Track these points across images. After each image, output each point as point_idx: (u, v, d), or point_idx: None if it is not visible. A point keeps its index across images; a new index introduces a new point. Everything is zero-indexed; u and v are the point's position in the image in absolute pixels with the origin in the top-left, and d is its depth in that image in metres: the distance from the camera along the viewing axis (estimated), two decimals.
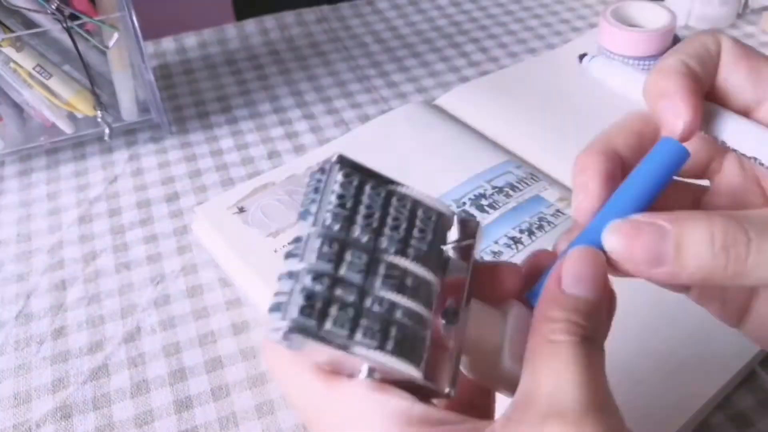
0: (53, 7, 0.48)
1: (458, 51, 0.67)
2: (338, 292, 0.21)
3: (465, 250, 0.24)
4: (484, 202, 0.46)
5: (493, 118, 0.55)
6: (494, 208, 0.45)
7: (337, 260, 0.21)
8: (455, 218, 0.24)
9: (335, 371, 0.22)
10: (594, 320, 0.22)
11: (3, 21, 0.49)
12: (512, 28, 0.69)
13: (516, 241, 0.43)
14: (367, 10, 0.74)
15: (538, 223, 0.44)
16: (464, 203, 0.46)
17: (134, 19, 0.50)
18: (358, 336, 0.21)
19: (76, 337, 0.42)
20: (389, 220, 0.23)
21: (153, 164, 0.55)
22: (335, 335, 0.21)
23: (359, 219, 0.22)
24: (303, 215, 0.22)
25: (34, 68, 0.51)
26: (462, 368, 0.24)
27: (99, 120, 0.54)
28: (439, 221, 0.23)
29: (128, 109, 0.56)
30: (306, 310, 0.21)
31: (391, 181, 0.24)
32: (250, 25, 0.72)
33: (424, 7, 0.74)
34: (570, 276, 0.23)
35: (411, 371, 0.21)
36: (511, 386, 0.23)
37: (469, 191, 0.47)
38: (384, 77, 0.63)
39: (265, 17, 0.73)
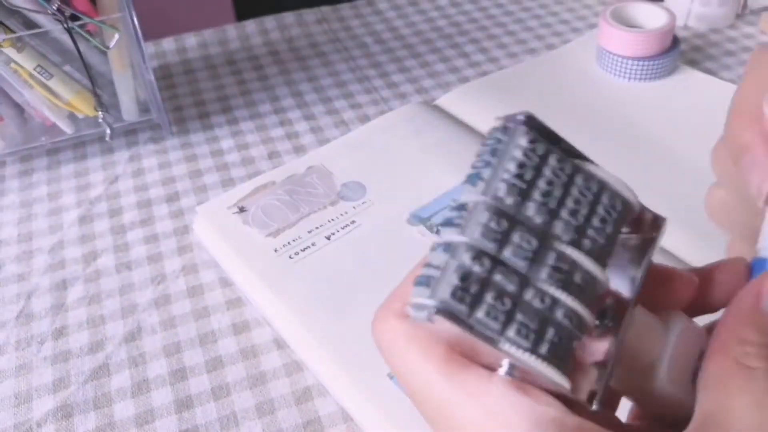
0: (54, 7, 0.48)
1: (458, 51, 0.67)
2: (497, 277, 0.18)
3: (642, 244, 0.21)
4: None
5: (494, 118, 0.55)
6: None
7: (503, 240, 0.18)
8: (643, 210, 0.21)
9: (465, 353, 0.20)
10: None
11: (4, 21, 0.49)
12: (512, 29, 0.69)
13: None
14: (367, 11, 0.74)
15: None
16: None
17: (135, 19, 0.51)
18: (511, 332, 0.18)
19: (76, 337, 0.42)
20: (569, 202, 0.19)
21: (153, 164, 0.55)
22: (485, 327, 0.18)
23: (536, 195, 0.19)
24: (472, 179, 0.19)
25: (34, 68, 0.51)
26: None
27: (100, 120, 0.54)
28: (624, 211, 0.20)
29: (129, 110, 0.56)
30: (458, 292, 0.18)
31: (578, 155, 0.20)
32: (251, 25, 0.72)
33: (424, 8, 0.74)
34: None
35: (560, 381, 0.18)
36: (658, 406, 0.21)
37: None
38: (384, 78, 0.64)
39: (266, 18, 0.73)
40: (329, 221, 0.46)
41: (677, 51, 0.58)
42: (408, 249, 0.43)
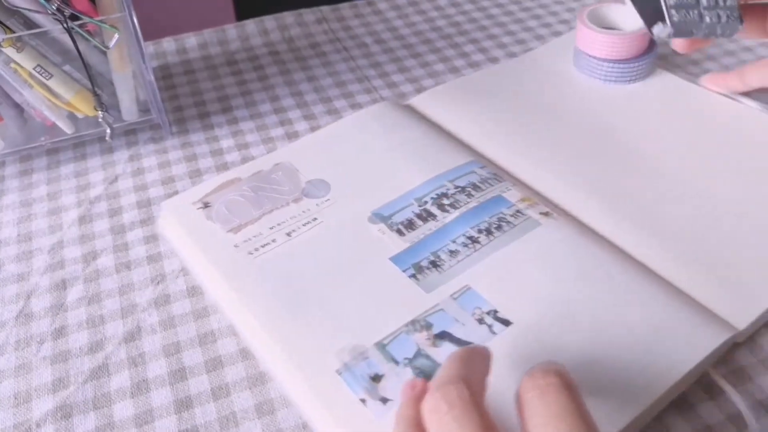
0: (54, 7, 0.48)
1: (458, 51, 0.67)
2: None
3: None
4: (445, 201, 0.46)
5: (464, 118, 0.55)
6: (455, 208, 0.45)
7: None
8: None
9: None
10: None
11: (4, 21, 0.49)
12: (511, 29, 0.69)
13: (474, 240, 0.43)
14: (367, 11, 0.74)
15: (497, 223, 0.44)
16: (426, 202, 0.46)
17: (135, 19, 0.51)
18: None
19: (76, 337, 0.42)
20: None
21: (153, 164, 0.55)
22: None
23: None
24: None
25: (34, 68, 0.51)
26: None
27: (99, 120, 0.54)
28: None
29: (129, 110, 0.56)
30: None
31: None
32: (251, 25, 0.72)
33: (423, 8, 0.74)
34: None
35: None
36: None
37: (431, 190, 0.47)
38: (384, 78, 0.64)
39: (266, 18, 0.73)
40: (291, 218, 0.46)
41: (654, 54, 0.58)
42: (367, 247, 0.43)
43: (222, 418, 0.37)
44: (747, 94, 0.55)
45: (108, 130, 0.55)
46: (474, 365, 0.31)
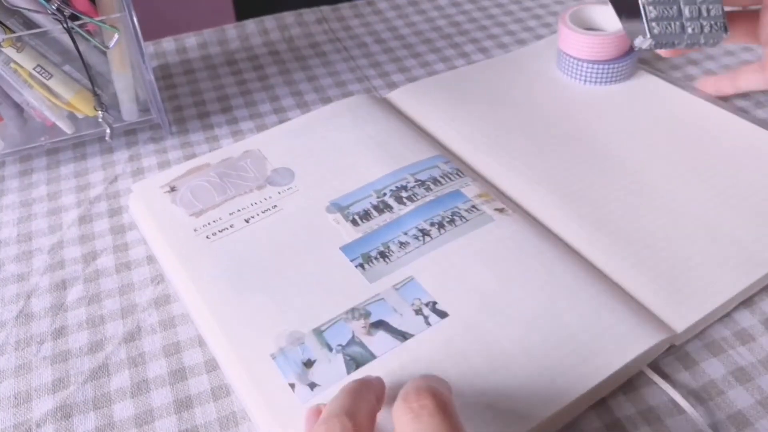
0: (54, 7, 0.48)
1: (458, 51, 0.67)
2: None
3: None
4: (404, 194, 0.46)
5: (437, 114, 0.55)
6: (412, 201, 0.46)
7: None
8: None
9: None
10: None
11: (3, 21, 0.49)
12: (511, 29, 0.69)
13: (425, 233, 0.43)
14: (367, 11, 0.74)
15: (450, 217, 0.44)
16: (385, 194, 0.47)
17: (134, 19, 0.51)
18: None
19: (76, 337, 0.42)
20: None
21: (153, 164, 0.55)
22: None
23: None
24: None
25: (34, 68, 0.51)
26: None
27: (99, 120, 0.54)
28: None
29: (129, 110, 0.56)
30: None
31: None
32: (251, 25, 0.72)
33: (423, 8, 0.74)
34: None
35: None
36: None
37: (391, 183, 0.47)
38: (384, 78, 0.64)
39: (266, 17, 0.73)
40: (252, 204, 0.47)
41: (635, 55, 0.57)
42: (320, 235, 0.44)
43: (222, 418, 0.37)
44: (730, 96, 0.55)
45: (108, 130, 0.54)
46: (363, 398, 0.31)
